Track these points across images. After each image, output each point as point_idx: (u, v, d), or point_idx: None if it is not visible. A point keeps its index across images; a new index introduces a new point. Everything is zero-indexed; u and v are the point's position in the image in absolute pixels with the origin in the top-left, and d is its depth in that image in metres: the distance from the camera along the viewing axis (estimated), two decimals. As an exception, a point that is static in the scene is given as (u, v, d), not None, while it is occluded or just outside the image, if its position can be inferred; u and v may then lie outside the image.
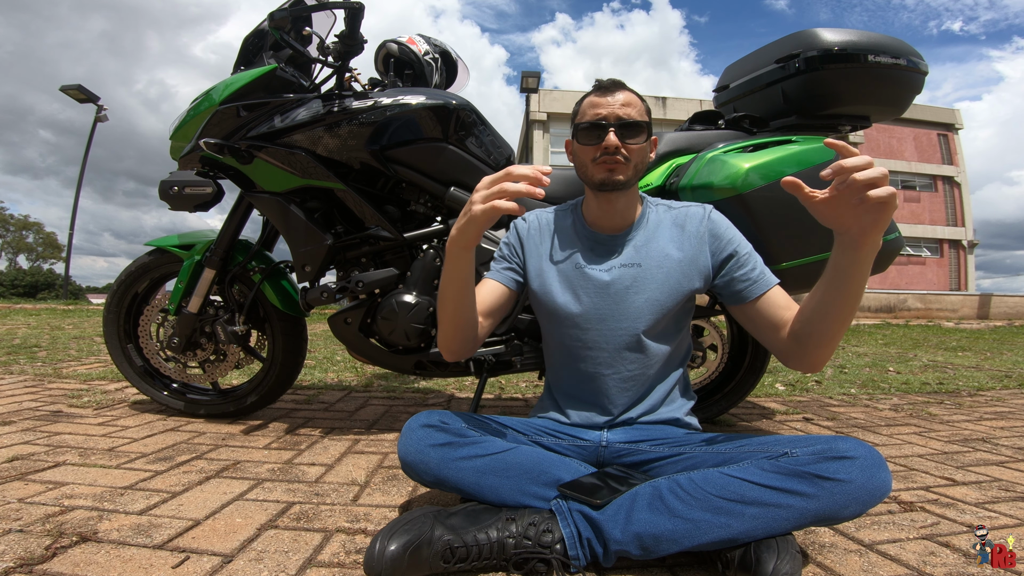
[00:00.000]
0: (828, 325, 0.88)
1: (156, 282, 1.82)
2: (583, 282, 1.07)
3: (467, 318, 1.01)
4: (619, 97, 1.02)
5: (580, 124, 1.03)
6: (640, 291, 1.05)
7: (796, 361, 0.95)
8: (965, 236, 21.12)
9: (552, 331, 1.13)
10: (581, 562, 0.83)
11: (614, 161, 1.01)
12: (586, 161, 1.04)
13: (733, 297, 1.04)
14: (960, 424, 1.92)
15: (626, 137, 1.01)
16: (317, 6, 1.46)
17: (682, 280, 1.05)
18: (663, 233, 1.08)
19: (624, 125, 1.00)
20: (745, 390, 1.78)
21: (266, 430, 1.64)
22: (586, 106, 1.05)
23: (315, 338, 4.32)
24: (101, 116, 12.82)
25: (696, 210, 1.10)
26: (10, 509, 1.02)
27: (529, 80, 15.14)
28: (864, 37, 1.40)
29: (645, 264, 1.06)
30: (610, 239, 1.09)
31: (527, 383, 2.63)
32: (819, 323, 0.89)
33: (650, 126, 1.04)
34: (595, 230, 1.11)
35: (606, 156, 1.01)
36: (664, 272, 1.05)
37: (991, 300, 12.08)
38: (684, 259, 1.06)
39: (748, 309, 1.02)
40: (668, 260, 1.06)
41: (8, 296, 22.46)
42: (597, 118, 1.01)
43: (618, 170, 1.01)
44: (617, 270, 1.06)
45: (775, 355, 0.99)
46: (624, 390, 1.07)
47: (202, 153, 1.50)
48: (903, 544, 0.96)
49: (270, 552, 0.89)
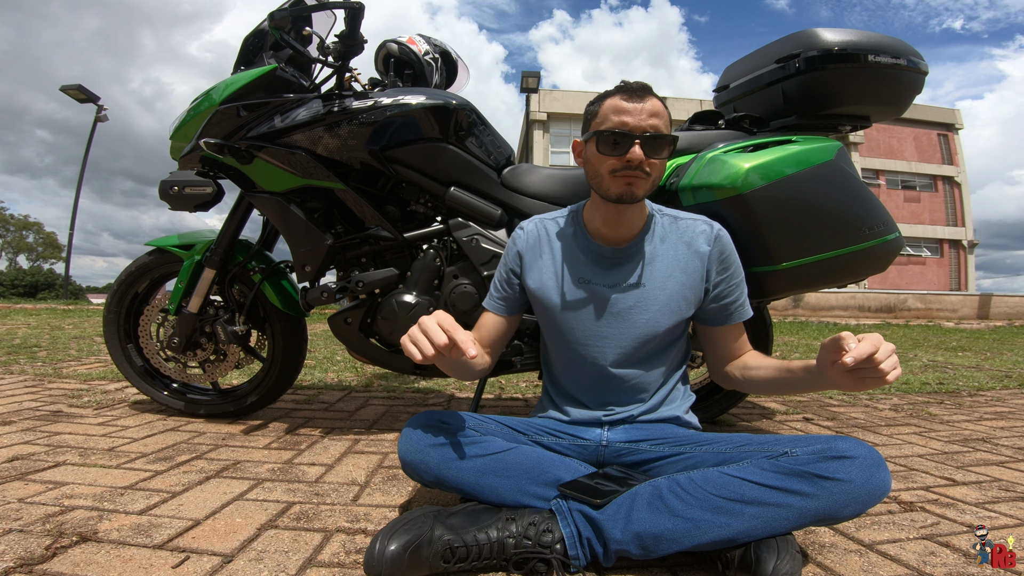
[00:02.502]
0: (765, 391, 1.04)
1: (156, 282, 1.82)
2: (585, 298, 1.06)
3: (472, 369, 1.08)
4: (647, 106, 0.93)
5: (602, 131, 0.94)
6: (642, 312, 1.04)
7: (720, 382, 1.12)
8: (965, 236, 21.12)
9: (552, 336, 1.13)
10: (581, 562, 0.83)
11: (635, 176, 0.94)
12: (603, 172, 0.96)
13: (708, 317, 1.09)
14: (960, 424, 1.92)
15: (652, 152, 0.93)
16: (317, 6, 1.46)
17: (682, 304, 1.05)
18: (669, 251, 1.05)
19: (651, 138, 0.93)
20: (745, 390, 1.78)
21: (266, 430, 1.64)
22: (609, 110, 0.95)
23: (315, 338, 4.31)
24: (101, 116, 12.82)
25: (703, 228, 1.06)
26: (10, 509, 1.02)
27: (529, 80, 15.13)
28: (864, 37, 1.40)
29: (649, 285, 1.04)
30: (614, 253, 1.05)
31: (527, 383, 2.63)
32: (759, 388, 1.06)
33: (676, 139, 0.97)
34: (599, 242, 1.06)
35: (627, 170, 0.93)
36: (667, 294, 1.04)
37: (991, 300, 12.08)
38: (688, 282, 1.04)
39: (712, 332, 1.10)
40: (672, 281, 1.04)
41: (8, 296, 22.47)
42: (623, 127, 0.92)
43: (637, 185, 0.95)
44: (621, 289, 1.04)
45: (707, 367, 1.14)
46: (623, 391, 1.07)
47: (202, 153, 1.50)
48: (903, 544, 0.96)
49: (270, 552, 0.89)
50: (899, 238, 1.38)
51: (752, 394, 0.97)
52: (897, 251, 1.38)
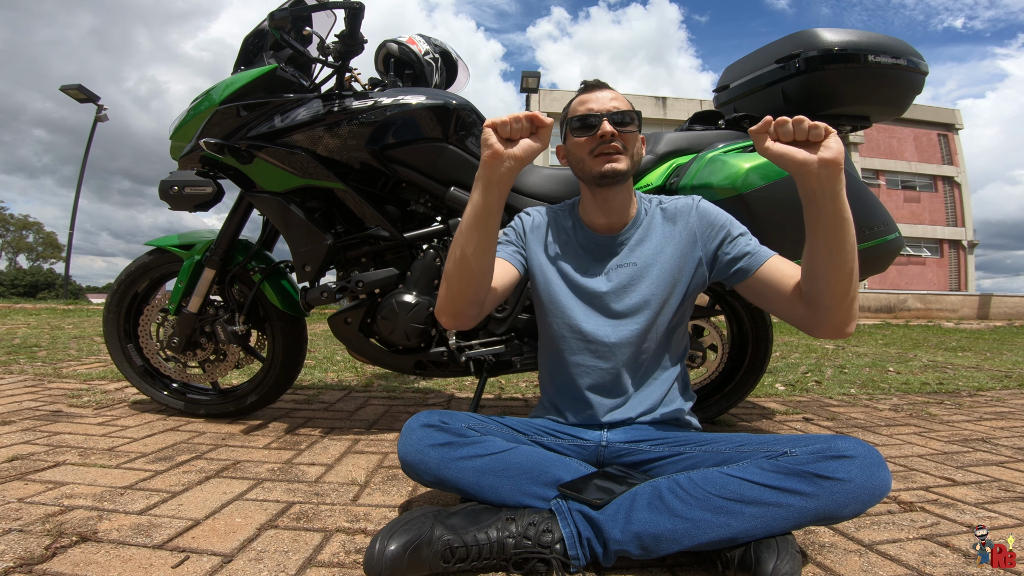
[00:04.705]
0: (829, 276, 0.85)
1: (156, 282, 1.82)
2: (582, 284, 1.08)
3: (483, 267, 0.95)
4: (607, 93, 1.05)
5: (572, 120, 1.04)
6: (636, 288, 1.06)
7: (819, 326, 0.91)
8: (965, 236, 21.12)
9: (549, 326, 1.13)
10: (581, 562, 0.83)
11: (612, 149, 1.01)
12: (583, 155, 1.04)
13: (736, 276, 1.02)
14: (960, 424, 1.92)
15: (620, 125, 1.02)
16: (317, 6, 1.46)
17: (675, 273, 1.06)
18: (657, 230, 1.09)
19: (616, 114, 1.02)
20: (745, 390, 1.78)
21: (266, 430, 1.64)
22: (575, 104, 1.07)
23: (315, 338, 4.32)
24: (101, 116, 12.81)
25: (685, 202, 1.10)
26: (10, 509, 1.02)
27: (529, 80, 15.14)
28: (864, 37, 1.40)
29: (640, 262, 1.07)
30: (608, 241, 1.10)
31: (527, 383, 2.63)
32: (821, 276, 0.87)
33: (640, 113, 1.06)
34: (593, 231, 1.11)
35: (603, 146, 1.01)
36: (658, 268, 1.06)
37: (991, 300, 12.09)
38: (676, 253, 1.06)
39: (753, 284, 0.99)
40: (661, 256, 1.07)
41: (8, 296, 22.47)
42: (589, 112, 1.03)
43: (616, 158, 1.02)
44: (614, 271, 1.07)
45: (799, 327, 0.96)
46: (623, 389, 1.07)
47: (202, 153, 1.50)
48: (903, 544, 0.96)
49: (270, 552, 0.89)
50: (899, 238, 1.38)
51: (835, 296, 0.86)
52: (897, 251, 1.38)
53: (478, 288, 0.97)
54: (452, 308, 0.98)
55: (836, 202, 0.82)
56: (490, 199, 0.91)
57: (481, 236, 0.93)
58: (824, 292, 0.87)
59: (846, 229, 0.83)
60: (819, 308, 0.89)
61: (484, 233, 0.93)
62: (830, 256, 0.84)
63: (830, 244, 0.84)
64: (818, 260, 0.86)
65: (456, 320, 0.99)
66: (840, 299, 0.86)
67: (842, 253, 0.83)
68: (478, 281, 0.96)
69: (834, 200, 0.82)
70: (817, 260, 0.86)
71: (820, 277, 0.87)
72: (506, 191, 0.93)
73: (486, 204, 0.92)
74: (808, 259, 0.88)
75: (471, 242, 0.93)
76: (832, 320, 0.89)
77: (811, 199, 0.83)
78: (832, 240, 0.83)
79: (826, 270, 0.85)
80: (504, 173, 0.89)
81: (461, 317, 0.99)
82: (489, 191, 0.91)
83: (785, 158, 0.82)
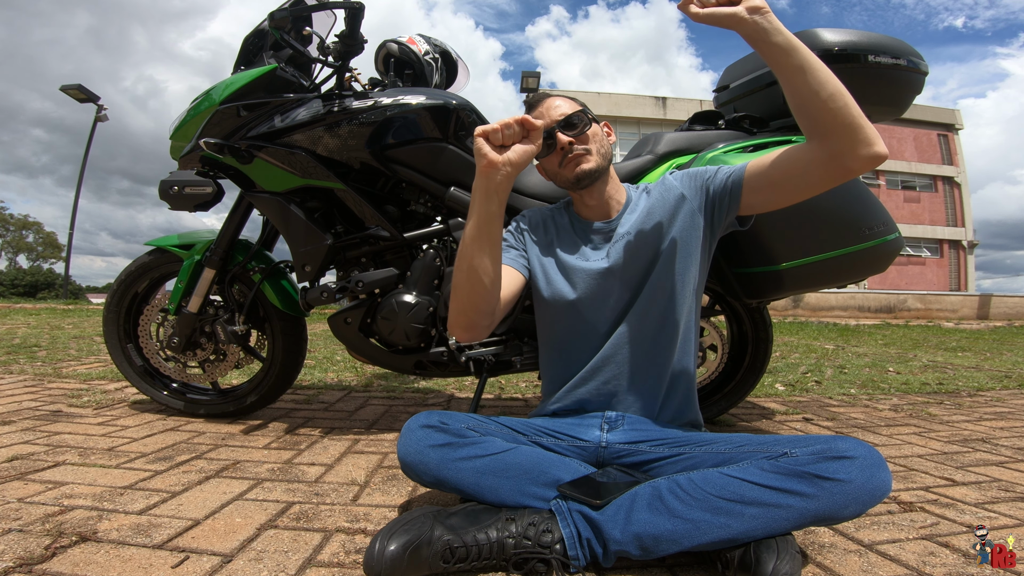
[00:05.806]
0: (815, 98, 0.86)
1: (156, 282, 1.82)
2: (583, 270, 1.10)
3: (492, 276, 0.96)
4: (550, 101, 1.09)
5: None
6: (634, 255, 1.08)
7: (844, 155, 0.88)
8: (965, 236, 21.13)
9: (549, 321, 1.14)
10: (581, 562, 0.83)
11: (577, 153, 1.06)
12: (555, 170, 1.09)
13: (732, 190, 1.05)
14: (960, 424, 1.92)
15: (572, 130, 1.06)
16: (317, 6, 1.46)
17: (667, 226, 1.08)
18: (643, 203, 1.14)
19: (564, 123, 1.06)
20: (745, 390, 1.79)
21: (266, 430, 1.64)
22: None
23: (315, 338, 4.31)
24: (101, 116, 12.81)
25: (668, 178, 1.15)
26: (10, 509, 1.02)
27: (529, 80, 15.12)
28: (864, 37, 1.40)
29: (632, 230, 1.10)
30: (605, 226, 1.14)
31: (527, 383, 2.63)
32: (809, 102, 0.88)
33: (587, 111, 1.08)
34: (590, 221, 1.15)
35: (567, 156, 1.06)
36: (650, 227, 1.08)
37: (991, 300, 12.09)
38: (667, 213, 1.09)
39: (754, 181, 1.01)
40: (651, 218, 1.09)
41: (8, 296, 22.46)
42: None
43: (583, 160, 1.06)
44: (612, 247, 1.10)
45: (831, 170, 0.91)
46: (622, 387, 1.07)
47: (202, 153, 1.50)
48: (903, 544, 0.96)
49: (270, 552, 0.89)
50: (899, 238, 1.38)
51: (836, 119, 0.87)
52: (897, 251, 1.38)
53: (488, 298, 0.98)
54: (465, 321, 0.99)
55: (781, 34, 0.86)
56: (491, 207, 0.92)
57: (487, 245, 0.94)
58: (822, 115, 0.87)
59: (804, 52, 0.86)
60: (829, 136, 0.88)
61: (489, 242, 0.94)
62: (806, 80, 0.87)
63: (800, 70, 0.86)
64: (798, 91, 0.88)
65: (469, 332, 1.01)
66: (841, 115, 0.86)
67: (815, 74, 0.86)
68: (488, 291, 0.97)
69: (779, 33, 0.86)
70: (798, 92, 0.88)
71: (810, 103, 0.88)
72: (505, 197, 0.93)
73: (488, 213, 0.92)
74: (791, 95, 0.90)
75: (478, 253, 0.94)
76: (850, 138, 0.87)
77: (760, 41, 0.86)
78: (798, 67, 0.87)
79: (809, 92, 0.87)
80: (501, 180, 0.90)
81: (474, 329, 1.00)
82: (489, 200, 0.92)
83: (714, 17, 0.86)
